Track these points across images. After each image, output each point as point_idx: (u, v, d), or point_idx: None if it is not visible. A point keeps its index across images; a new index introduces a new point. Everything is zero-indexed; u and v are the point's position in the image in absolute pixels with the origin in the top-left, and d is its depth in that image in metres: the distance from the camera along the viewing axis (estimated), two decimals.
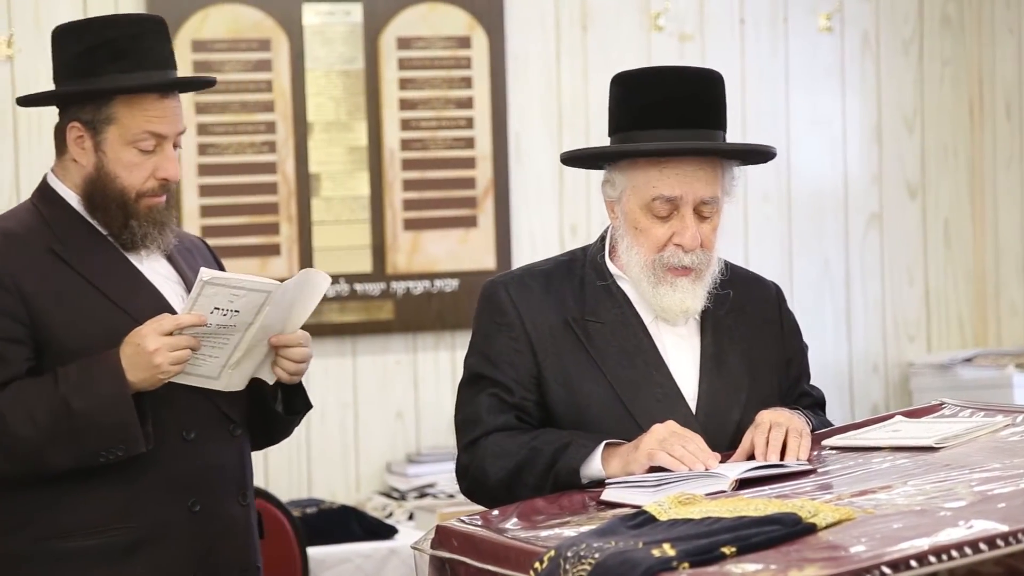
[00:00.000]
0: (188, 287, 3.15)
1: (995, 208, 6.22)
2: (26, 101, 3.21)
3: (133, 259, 3.14)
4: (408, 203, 5.65)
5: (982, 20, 6.22)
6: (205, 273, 2.93)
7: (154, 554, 3.07)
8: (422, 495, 5.44)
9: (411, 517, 5.28)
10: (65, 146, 3.14)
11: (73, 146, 3.12)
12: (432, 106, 5.67)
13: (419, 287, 5.67)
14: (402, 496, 5.47)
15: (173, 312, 3.07)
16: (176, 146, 3.14)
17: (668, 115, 3.05)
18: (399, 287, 5.65)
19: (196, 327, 2.97)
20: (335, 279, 5.56)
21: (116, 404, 2.95)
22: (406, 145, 5.65)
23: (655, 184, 3.05)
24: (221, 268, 3.33)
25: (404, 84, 5.65)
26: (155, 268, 3.17)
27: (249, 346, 3.05)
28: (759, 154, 3.19)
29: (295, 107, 5.54)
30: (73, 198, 3.13)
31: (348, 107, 5.60)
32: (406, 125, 5.65)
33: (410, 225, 5.65)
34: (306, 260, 5.54)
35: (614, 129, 3.14)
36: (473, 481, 3.10)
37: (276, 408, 3.22)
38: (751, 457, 2.95)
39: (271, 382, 3.16)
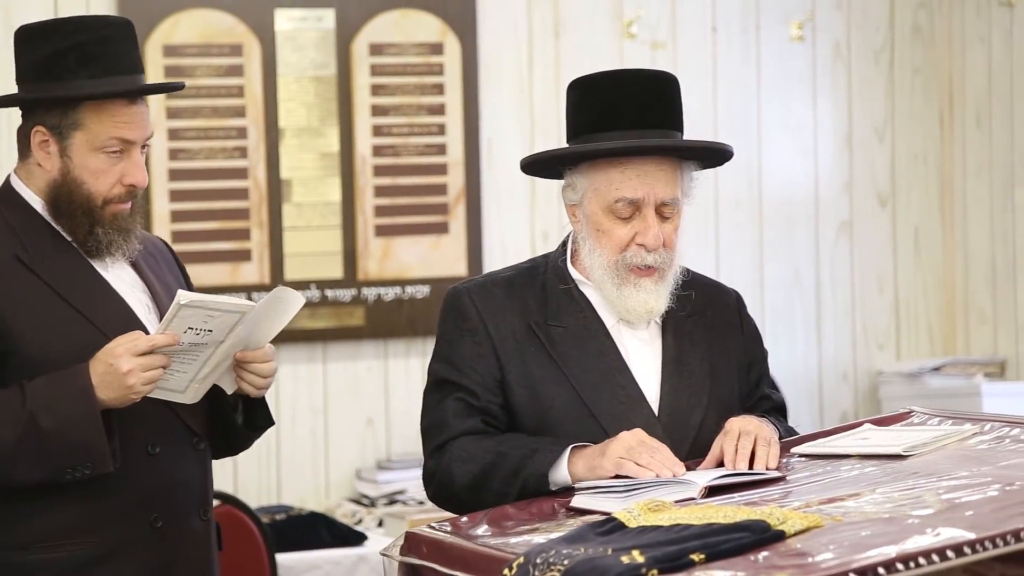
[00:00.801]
0: (153, 295, 3.13)
1: (964, 217, 6.25)
2: None
3: (98, 266, 3.08)
4: (380, 209, 5.65)
5: (952, 29, 6.25)
6: (183, 296, 2.89)
7: (115, 569, 3.03)
8: (392, 502, 5.44)
9: (381, 524, 5.28)
10: (29, 149, 3.07)
11: (37, 150, 3.06)
12: (404, 112, 5.67)
13: (390, 293, 5.67)
14: (372, 503, 5.46)
15: (138, 321, 3.04)
16: (143, 150, 3.10)
17: (625, 116, 3.08)
18: (370, 293, 5.65)
19: (169, 346, 2.94)
20: (306, 285, 5.55)
21: (84, 424, 2.91)
22: (378, 151, 5.65)
23: (617, 186, 3.07)
24: (183, 271, 3.32)
25: (376, 90, 5.65)
26: (120, 276, 3.12)
27: (217, 362, 3.03)
28: (718, 154, 3.20)
29: (267, 112, 5.54)
30: (37, 203, 3.07)
31: (320, 113, 5.60)
32: (378, 131, 5.65)
33: (381, 231, 5.65)
34: (277, 266, 5.53)
35: (573, 134, 3.17)
36: (440, 486, 3.10)
37: (236, 420, 3.19)
38: (720, 464, 2.96)
39: (230, 392, 3.12)
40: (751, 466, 2.92)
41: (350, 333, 5.63)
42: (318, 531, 5.06)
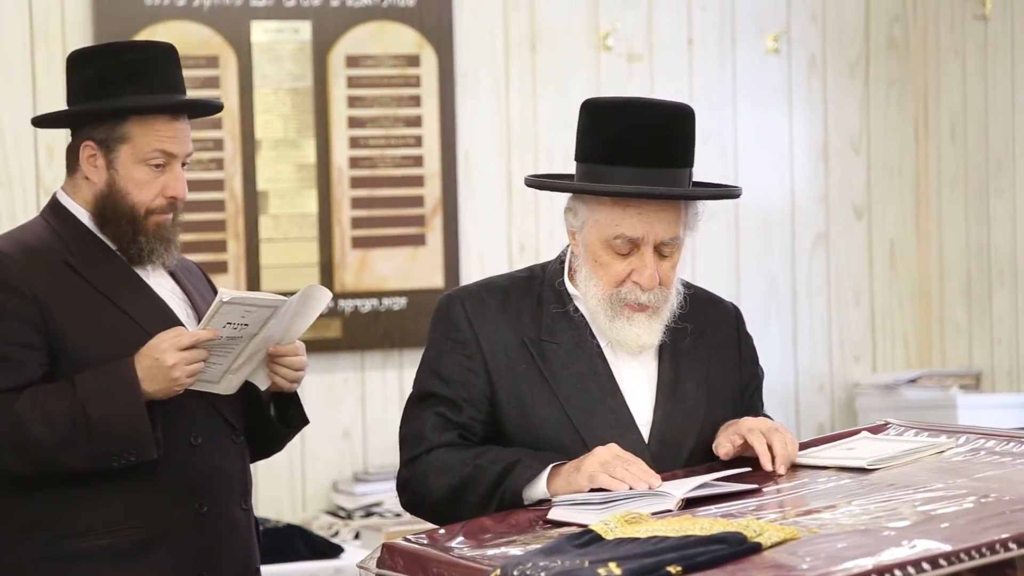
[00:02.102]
0: (191, 303, 3.32)
1: (940, 229, 6.27)
2: (41, 121, 3.37)
3: (140, 273, 3.27)
4: (356, 221, 5.64)
5: (927, 43, 6.27)
6: (225, 294, 3.07)
7: (162, 553, 3.19)
8: (369, 514, 5.43)
9: (357, 536, 5.27)
10: (77, 164, 3.27)
11: (86, 164, 3.25)
12: (381, 124, 5.67)
13: (367, 305, 5.66)
14: (348, 515, 5.46)
15: (179, 322, 3.22)
16: (184, 165, 3.29)
17: (636, 152, 3.01)
18: (347, 305, 5.64)
19: (209, 340, 3.12)
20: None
21: (130, 413, 3.08)
22: (355, 163, 5.65)
23: (618, 223, 3.03)
24: (213, 289, 3.46)
25: (353, 102, 5.65)
26: (160, 283, 3.30)
27: (250, 354, 3.19)
28: (724, 195, 3.17)
29: (243, 124, 5.53)
30: (84, 214, 3.26)
31: (296, 125, 5.59)
32: (355, 143, 5.65)
33: (358, 243, 5.65)
34: (253, 278, 5.52)
35: (580, 157, 3.10)
36: (414, 495, 3.09)
37: (271, 416, 3.35)
38: (735, 461, 2.97)
39: (263, 387, 3.29)
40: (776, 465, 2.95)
41: (327, 345, 5.62)
42: (295, 543, 5.05)
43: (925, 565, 2.30)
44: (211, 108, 3.44)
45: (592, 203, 3.06)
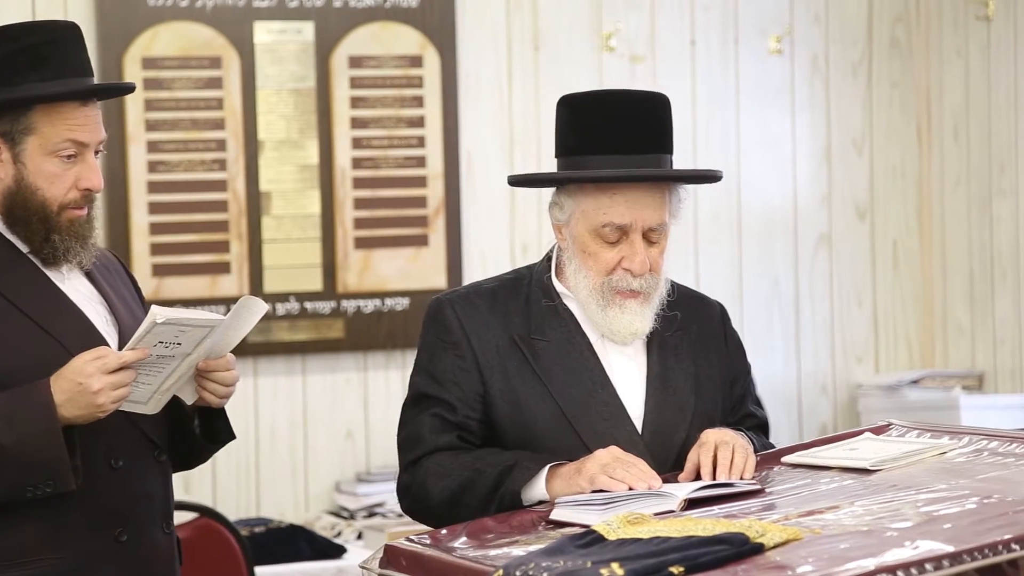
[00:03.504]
0: (111, 306, 3.07)
1: (943, 230, 6.27)
2: None
3: (55, 278, 3.02)
4: (359, 222, 5.65)
5: (930, 43, 6.27)
6: (159, 315, 2.85)
7: None
8: (371, 514, 5.43)
9: (360, 536, 5.27)
10: None
11: None
12: (383, 125, 5.67)
13: (369, 306, 5.67)
14: (351, 515, 5.46)
15: (98, 334, 2.99)
16: (97, 154, 3.04)
17: (616, 140, 3.06)
18: (349, 306, 5.65)
19: (138, 361, 2.90)
20: (285, 297, 5.55)
21: (46, 440, 2.84)
22: (357, 164, 5.65)
23: (605, 211, 3.06)
24: (135, 284, 3.26)
25: (355, 103, 5.65)
26: (77, 288, 3.05)
27: (181, 373, 2.99)
28: (707, 178, 3.21)
29: (246, 125, 5.53)
30: None
31: (299, 125, 5.59)
32: (357, 144, 5.65)
33: (361, 244, 5.65)
34: (256, 278, 5.53)
35: (561, 151, 3.14)
36: (415, 500, 3.10)
37: (195, 432, 3.14)
38: (697, 477, 2.96)
39: (190, 402, 3.07)
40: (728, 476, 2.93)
41: (329, 345, 5.62)
42: (297, 544, 5.05)
43: (928, 566, 2.30)
44: (121, 90, 3.22)
45: (577, 194, 3.09)
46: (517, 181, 3.25)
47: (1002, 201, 6.07)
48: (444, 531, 2.79)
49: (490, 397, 3.09)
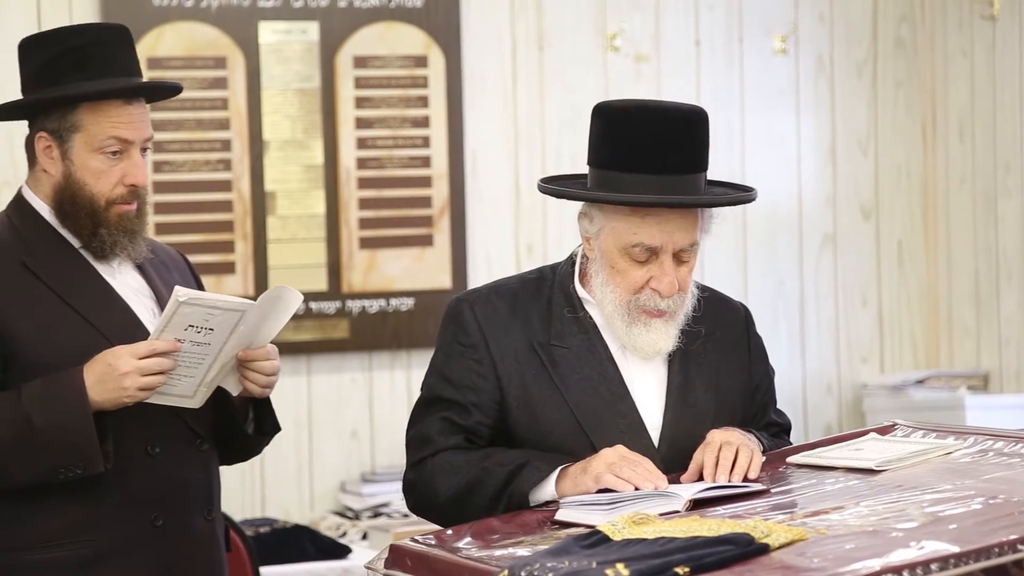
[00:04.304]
0: (160, 301, 3.15)
1: (948, 230, 6.26)
2: None
3: (105, 272, 3.13)
4: (364, 222, 5.65)
5: (935, 43, 6.27)
6: (181, 293, 2.92)
7: (114, 569, 3.06)
8: (376, 514, 5.43)
9: (365, 536, 5.27)
10: (35, 157, 3.14)
11: (42, 156, 3.12)
12: (388, 125, 5.67)
13: (374, 306, 5.67)
14: (356, 515, 5.46)
15: (142, 327, 3.08)
16: (143, 151, 3.15)
17: (652, 161, 2.98)
18: (354, 306, 5.65)
19: (171, 352, 2.97)
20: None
21: (76, 423, 2.94)
22: (362, 164, 5.65)
23: (635, 231, 3.00)
24: (199, 283, 3.34)
25: (360, 103, 5.65)
26: (127, 281, 3.16)
27: (223, 363, 3.05)
28: (740, 201, 3.13)
29: (251, 125, 5.54)
30: (45, 209, 3.13)
31: (304, 125, 5.60)
32: (362, 144, 5.65)
33: (366, 244, 5.65)
34: (261, 278, 5.53)
35: (594, 163, 3.06)
36: (421, 497, 3.09)
37: (247, 429, 3.22)
38: (700, 477, 2.96)
39: (235, 393, 3.15)
40: (732, 476, 2.92)
41: (334, 345, 5.63)
42: (302, 544, 5.05)
43: (933, 566, 2.30)
44: (167, 90, 3.30)
45: (609, 211, 3.03)
46: (549, 192, 3.14)
47: (1007, 201, 6.07)
48: (449, 531, 2.79)
49: (507, 404, 3.06)
